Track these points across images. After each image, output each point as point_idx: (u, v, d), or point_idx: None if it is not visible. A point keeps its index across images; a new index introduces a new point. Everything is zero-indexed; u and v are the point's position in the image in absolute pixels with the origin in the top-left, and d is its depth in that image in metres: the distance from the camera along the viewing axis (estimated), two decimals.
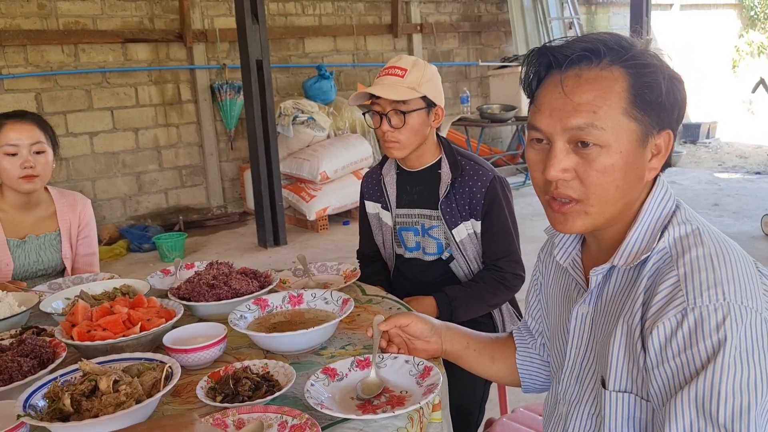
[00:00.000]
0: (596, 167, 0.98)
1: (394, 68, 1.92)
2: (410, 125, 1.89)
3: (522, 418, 1.83)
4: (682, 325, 0.90)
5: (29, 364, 1.30)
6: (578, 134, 0.98)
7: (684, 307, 0.91)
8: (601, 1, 10.01)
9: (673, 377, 0.92)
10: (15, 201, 2.20)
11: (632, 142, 0.98)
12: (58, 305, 1.70)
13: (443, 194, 1.95)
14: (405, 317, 1.34)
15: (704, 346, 0.88)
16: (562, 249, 1.20)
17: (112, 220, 6.18)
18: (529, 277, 1.44)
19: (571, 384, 1.16)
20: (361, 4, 7.61)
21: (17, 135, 2.11)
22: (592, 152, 0.98)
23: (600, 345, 1.08)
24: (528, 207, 6.22)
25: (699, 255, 0.95)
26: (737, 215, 5.93)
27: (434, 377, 1.22)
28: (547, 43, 1.04)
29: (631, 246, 1.03)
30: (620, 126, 0.97)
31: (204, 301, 1.62)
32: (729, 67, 12.28)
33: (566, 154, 1.00)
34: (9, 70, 5.54)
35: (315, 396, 1.18)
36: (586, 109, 0.97)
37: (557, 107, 1.00)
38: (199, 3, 6.44)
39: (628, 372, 1.00)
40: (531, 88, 1.06)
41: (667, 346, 0.92)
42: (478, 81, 8.78)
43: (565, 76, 0.99)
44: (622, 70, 0.98)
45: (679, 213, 1.04)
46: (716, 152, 9.49)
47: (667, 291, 0.94)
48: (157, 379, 1.19)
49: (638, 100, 0.97)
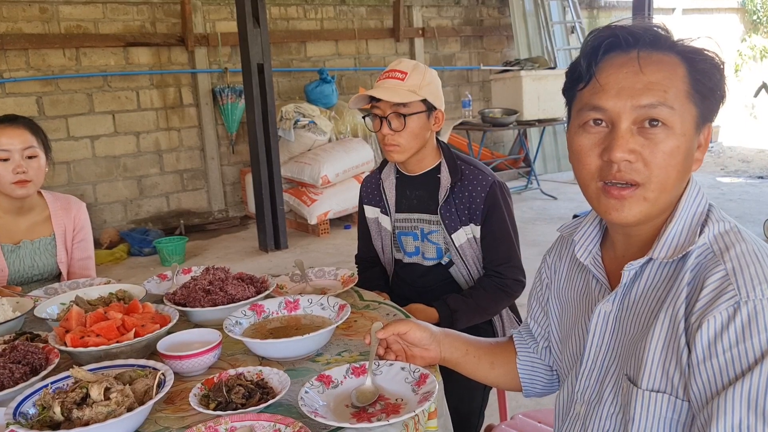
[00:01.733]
0: (663, 148, 0.98)
1: (394, 71, 1.91)
2: (410, 128, 1.88)
3: (521, 425, 1.81)
4: (735, 319, 0.88)
5: (21, 371, 1.28)
6: (649, 112, 0.97)
7: (737, 300, 0.89)
8: (603, 5, 10.00)
9: (722, 372, 0.89)
10: (8, 206, 2.18)
11: (692, 127, 0.99)
12: (53, 311, 1.69)
13: (443, 199, 1.94)
14: (403, 324, 1.33)
15: (759, 340, 0.86)
16: (583, 247, 1.18)
17: (112, 224, 6.18)
18: (530, 281, 1.42)
19: (590, 384, 1.14)
20: (363, 8, 7.61)
21: (9, 140, 2.08)
22: (660, 133, 0.98)
23: (628, 343, 1.06)
24: (529, 211, 6.20)
25: (744, 250, 0.95)
26: (740, 220, 5.89)
27: (430, 385, 1.21)
28: (614, 22, 1.04)
29: (671, 239, 1.02)
30: (685, 109, 0.98)
31: (200, 306, 1.60)
32: (731, 71, 12.26)
33: (632, 135, 0.99)
34: (11, 73, 5.55)
35: (309, 404, 1.16)
36: (657, 87, 0.97)
37: (626, 86, 0.99)
38: (201, 7, 6.45)
39: (664, 371, 0.98)
40: (591, 68, 1.02)
41: (717, 340, 0.89)
42: (480, 85, 8.78)
43: (639, 55, 0.99)
44: (678, 56, 0.99)
45: (714, 211, 1.04)
46: (718, 156, 9.47)
47: (716, 284, 0.92)
48: (149, 386, 1.17)
49: (698, 85, 0.99)
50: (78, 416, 1.08)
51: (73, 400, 1.10)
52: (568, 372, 1.23)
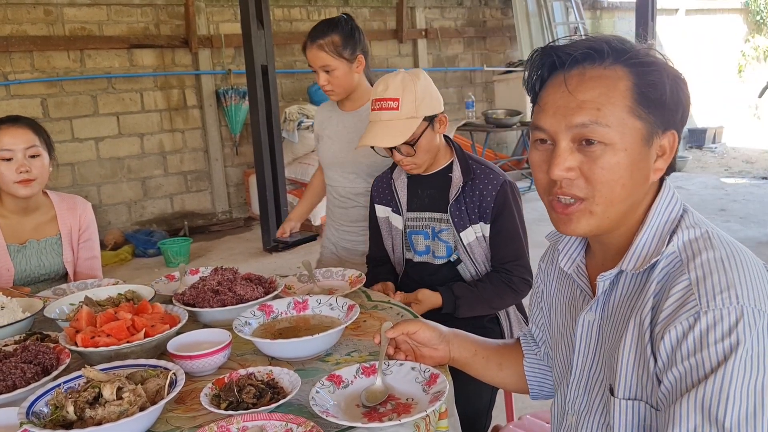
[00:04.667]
0: (601, 165, 0.97)
1: (386, 101, 1.87)
2: (421, 148, 1.90)
3: (529, 426, 1.81)
4: (694, 328, 0.89)
5: (33, 371, 1.29)
6: (582, 132, 0.97)
7: (697, 311, 0.89)
8: (606, 6, 10.00)
9: (681, 380, 0.90)
10: (14, 206, 2.19)
11: (637, 140, 0.98)
12: (62, 311, 1.69)
13: (453, 197, 1.94)
14: (413, 324, 1.33)
15: (716, 350, 0.87)
16: (566, 256, 1.18)
17: (117, 226, 6.19)
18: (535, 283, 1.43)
19: (579, 394, 1.14)
20: (366, 10, 7.62)
21: (11, 140, 2.09)
22: (597, 150, 0.97)
23: (608, 352, 1.06)
24: (533, 212, 6.19)
25: (710, 258, 0.94)
26: (744, 220, 5.89)
27: (441, 385, 1.21)
28: (550, 43, 1.04)
29: (639, 250, 1.02)
30: (625, 124, 0.97)
31: (208, 307, 1.61)
32: (735, 71, 12.25)
33: (570, 153, 0.99)
34: (15, 75, 5.57)
35: (320, 403, 1.16)
36: (589, 106, 0.97)
37: (561, 105, 0.99)
38: (205, 9, 6.46)
39: (638, 379, 0.99)
40: (535, 89, 1.06)
41: (677, 349, 0.90)
42: (483, 86, 8.77)
43: (569, 75, 0.99)
44: (626, 68, 0.98)
45: (687, 217, 1.02)
46: (722, 157, 9.46)
47: (679, 295, 0.92)
48: (161, 386, 1.18)
49: (642, 98, 0.97)
50: (91, 415, 1.09)
51: (85, 399, 1.11)
52: (559, 381, 1.22)
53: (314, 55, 2.29)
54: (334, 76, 2.30)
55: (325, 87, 2.33)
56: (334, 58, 2.26)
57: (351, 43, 2.29)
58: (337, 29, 2.27)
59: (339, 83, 2.31)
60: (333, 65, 2.27)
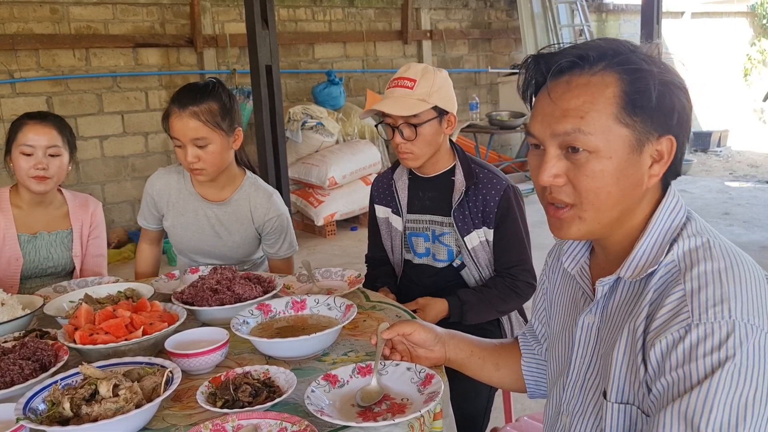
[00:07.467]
0: (586, 172, 0.98)
1: (403, 79, 1.90)
2: (423, 136, 1.89)
3: (526, 428, 1.81)
4: (684, 340, 0.89)
5: (31, 367, 1.30)
6: (566, 140, 0.98)
7: (688, 323, 0.89)
8: (611, 8, 9.98)
9: (667, 390, 0.90)
10: (29, 198, 2.25)
11: (624, 147, 0.97)
12: (62, 308, 1.70)
13: (456, 201, 1.94)
14: (408, 325, 1.34)
15: (704, 363, 0.87)
16: (570, 256, 1.19)
17: (121, 224, 6.20)
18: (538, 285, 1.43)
19: (574, 395, 1.14)
20: (372, 11, 7.63)
21: (35, 136, 2.15)
22: (582, 157, 0.98)
23: (604, 356, 1.07)
24: (536, 215, 6.18)
25: (707, 270, 0.93)
26: (748, 224, 5.88)
27: (436, 385, 1.21)
28: (540, 50, 1.04)
29: (638, 258, 1.02)
30: (610, 131, 0.97)
31: (207, 305, 1.61)
32: (740, 75, 12.21)
33: (558, 160, 1.00)
34: (21, 73, 5.59)
35: (315, 402, 1.17)
36: (573, 114, 0.97)
37: (547, 113, 1.01)
38: (210, 8, 6.47)
39: (630, 384, 0.99)
40: (527, 95, 1.07)
41: (666, 359, 0.90)
42: (488, 88, 8.77)
43: (555, 83, 1.00)
44: (615, 75, 0.97)
45: (690, 225, 1.01)
46: (727, 161, 9.43)
47: (673, 305, 0.92)
48: (157, 384, 1.19)
49: (629, 105, 0.96)
50: (87, 412, 1.10)
51: (82, 396, 1.12)
52: (554, 380, 1.22)
53: (184, 125, 1.92)
54: (207, 152, 1.96)
55: (194, 165, 1.97)
56: (211, 129, 1.94)
57: (230, 113, 1.99)
58: (213, 96, 1.96)
59: (213, 161, 1.97)
60: (209, 138, 1.94)
